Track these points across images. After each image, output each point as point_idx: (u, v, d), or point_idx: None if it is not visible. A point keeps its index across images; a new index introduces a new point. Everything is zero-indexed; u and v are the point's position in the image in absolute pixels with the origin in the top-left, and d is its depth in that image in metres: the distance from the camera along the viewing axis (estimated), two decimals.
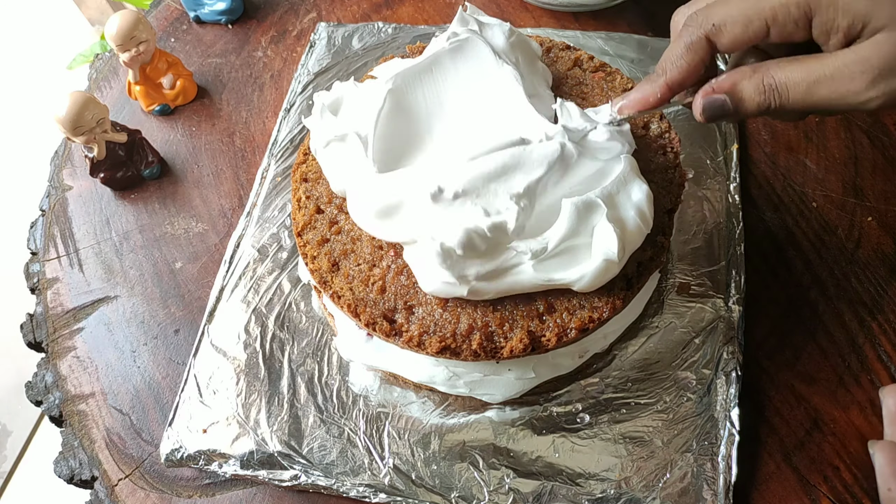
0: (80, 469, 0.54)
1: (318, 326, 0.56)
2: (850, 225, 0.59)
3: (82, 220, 0.67)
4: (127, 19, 0.66)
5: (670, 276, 0.56)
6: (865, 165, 0.62)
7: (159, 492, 0.52)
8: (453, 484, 0.49)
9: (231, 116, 0.72)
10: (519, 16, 0.76)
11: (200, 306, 0.60)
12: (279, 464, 0.50)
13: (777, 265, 0.57)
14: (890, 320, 0.54)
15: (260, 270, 0.60)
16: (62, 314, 0.61)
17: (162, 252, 0.64)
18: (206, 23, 0.80)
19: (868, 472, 0.48)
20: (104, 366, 0.58)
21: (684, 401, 0.50)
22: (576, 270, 0.43)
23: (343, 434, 0.51)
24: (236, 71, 0.76)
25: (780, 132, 0.64)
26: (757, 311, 0.55)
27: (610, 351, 0.53)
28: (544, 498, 0.48)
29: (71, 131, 0.61)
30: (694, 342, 0.53)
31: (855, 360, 0.53)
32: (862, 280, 0.56)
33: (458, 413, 0.52)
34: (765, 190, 0.61)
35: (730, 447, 0.48)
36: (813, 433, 0.50)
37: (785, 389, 0.52)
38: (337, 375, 0.54)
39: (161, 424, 0.55)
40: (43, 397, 0.58)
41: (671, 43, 0.42)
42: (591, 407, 0.51)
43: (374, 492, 0.49)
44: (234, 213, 0.65)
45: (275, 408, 0.53)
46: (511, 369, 0.50)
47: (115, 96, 0.76)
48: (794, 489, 0.48)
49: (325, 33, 0.76)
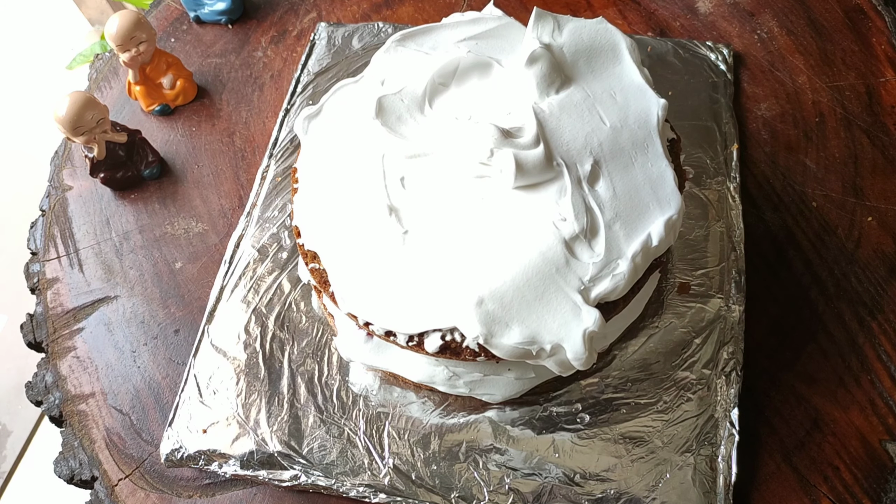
0: (80, 469, 0.54)
1: (318, 326, 0.56)
2: (850, 225, 0.59)
3: (82, 220, 0.67)
4: (127, 19, 0.66)
5: (670, 276, 0.56)
6: (865, 165, 0.62)
7: (159, 492, 0.52)
8: (453, 484, 0.49)
9: (231, 116, 0.72)
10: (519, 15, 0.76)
11: (200, 306, 0.60)
12: (279, 464, 0.50)
13: (777, 265, 0.57)
14: (890, 320, 0.54)
15: (260, 270, 0.60)
16: (62, 314, 0.61)
17: (162, 252, 0.64)
18: (206, 23, 0.80)
19: (868, 472, 0.48)
20: (104, 366, 0.58)
21: (684, 401, 0.50)
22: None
23: (343, 434, 0.51)
24: (236, 71, 0.76)
25: (780, 132, 0.64)
26: (757, 311, 0.55)
27: (610, 351, 0.53)
28: (544, 498, 0.48)
29: (71, 131, 0.61)
30: (694, 342, 0.53)
31: (855, 360, 0.53)
32: (862, 280, 0.56)
33: (457, 413, 0.52)
34: (765, 190, 0.61)
35: (730, 447, 0.48)
36: (813, 433, 0.50)
37: (785, 389, 0.52)
38: (337, 375, 0.54)
39: (161, 424, 0.55)
40: (43, 397, 0.58)
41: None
42: (591, 407, 0.51)
43: (374, 492, 0.49)
44: (234, 213, 0.65)
45: (275, 408, 0.53)
46: (511, 369, 0.50)
47: (115, 96, 0.76)
48: (794, 489, 0.48)
49: (325, 33, 0.76)
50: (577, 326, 0.42)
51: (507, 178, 0.44)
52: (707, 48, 0.69)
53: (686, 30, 0.73)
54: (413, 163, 0.47)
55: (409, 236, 0.45)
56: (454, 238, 0.45)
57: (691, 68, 0.68)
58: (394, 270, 0.45)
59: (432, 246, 0.45)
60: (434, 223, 0.45)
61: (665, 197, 0.46)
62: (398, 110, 0.48)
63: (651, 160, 0.47)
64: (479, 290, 0.42)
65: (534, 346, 0.42)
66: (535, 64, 0.47)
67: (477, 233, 0.45)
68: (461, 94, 0.50)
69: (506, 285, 0.42)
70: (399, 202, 0.46)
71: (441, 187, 0.46)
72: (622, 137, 0.47)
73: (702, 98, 0.66)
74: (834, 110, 0.65)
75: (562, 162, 0.45)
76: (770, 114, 0.66)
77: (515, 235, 0.44)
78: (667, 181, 0.46)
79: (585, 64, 0.50)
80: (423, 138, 0.47)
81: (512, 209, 0.45)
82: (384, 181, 0.47)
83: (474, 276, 0.43)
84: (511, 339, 0.42)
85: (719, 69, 0.67)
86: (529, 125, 0.46)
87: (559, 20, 0.51)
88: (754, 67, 0.69)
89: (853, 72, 0.67)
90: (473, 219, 0.45)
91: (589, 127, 0.47)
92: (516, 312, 0.42)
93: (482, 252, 0.44)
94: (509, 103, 0.49)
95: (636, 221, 0.45)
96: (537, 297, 0.43)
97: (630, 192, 0.45)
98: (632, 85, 0.50)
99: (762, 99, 0.67)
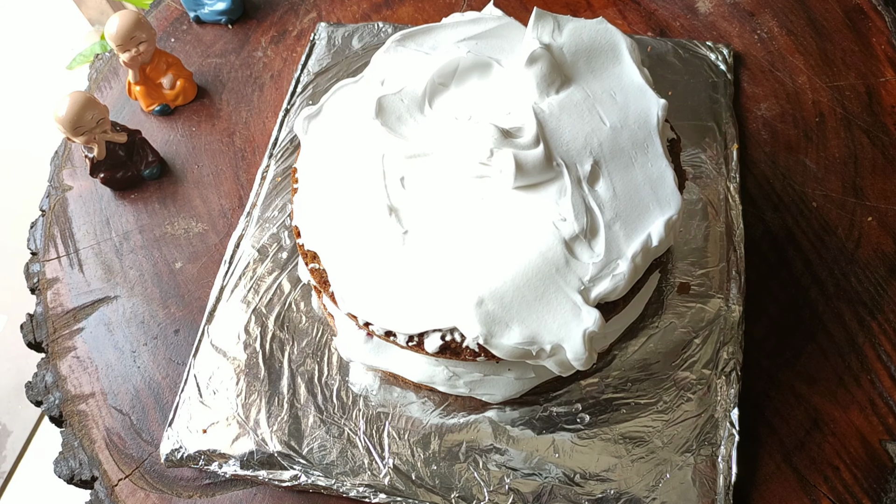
0: (80, 469, 0.54)
1: (318, 326, 0.56)
2: (849, 225, 0.59)
3: (82, 220, 0.67)
4: (127, 19, 0.66)
5: (670, 276, 0.56)
6: (865, 165, 0.62)
7: (159, 492, 0.52)
8: (453, 484, 0.49)
9: (231, 116, 0.72)
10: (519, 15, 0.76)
11: (200, 306, 0.60)
12: (279, 464, 0.50)
13: (777, 265, 0.57)
14: (890, 320, 0.54)
15: (260, 270, 0.60)
16: (62, 314, 0.61)
17: (162, 252, 0.64)
18: (206, 23, 0.80)
19: (868, 472, 0.48)
20: (104, 366, 0.58)
21: (684, 401, 0.50)
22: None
23: (343, 434, 0.51)
24: (236, 71, 0.76)
25: (780, 132, 0.64)
26: (757, 311, 0.55)
27: (610, 351, 0.53)
28: (544, 498, 0.48)
29: (71, 131, 0.61)
30: (694, 342, 0.53)
31: (855, 360, 0.53)
32: (862, 280, 0.56)
33: (457, 413, 0.52)
34: (765, 190, 0.61)
35: (730, 447, 0.48)
36: (813, 433, 0.50)
37: (785, 389, 0.52)
38: (337, 375, 0.54)
39: (161, 424, 0.55)
40: (43, 397, 0.58)
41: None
42: (591, 407, 0.51)
43: (374, 492, 0.49)
44: (234, 213, 0.65)
45: (275, 408, 0.53)
46: (511, 369, 0.50)
47: (115, 96, 0.76)
48: (794, 489, 0.48)
49: (325, 33, 0.76)
50: (577, 326, 0.42)
51: (507, 178, 0.44)
52: (707, 48, 0.69)
53: (686, 30, 0.73)
54: (413, 163, 0.47)
55: (409, 236, 0.45)
56: (454, 238, 0.45)
57: (691, 68, 0.68)
58: (394, 270, 0.45)
59: (432, 246, 0.45)
60: (434, 223, 0.45)
61: (665, 197, 0.46)
62: (398, 110, 0.48)
63: (651, 160, 0.47)
64: (479, 290, 0.42)
65: (534, 347, 0.42)
66: (534, 64, 0.47)
67: (477, 233, 0.45)
68: (461, 94, 0.50)
69: (506, 285, 0.42)
70: (399, 202, 0.46)
71: (441, 187, 0.46)
72: (622, 137, 0.47)
73: (702, 98, 0.66)
74: (834, 110, 0.65)
75: (562, 162, 0.45)
76: (770, 114, 0.66)
77: (515, 235, 0.44)
78: (667, 181, 0.46)
79: (585, 64, 0.50)
80: (423, 138, 0.47)
81: (512, 209, 0.45)
82: (384, 181, 0.47)
83: (474, 276, 0.43)
84: (511, 339, 0.42)
85: (719, 69, 0.67)
86: (529, 125, 0.46)
87: (559, 20, 0.51)
88: (754, 67, 0.69)
89: (853, 72, 0.67)
90: (473, 219, 0.45)
91: (589, 127, 0.47)
92: (516, 312, 0.42)
93: (482, 252, 0.44)
94: (509, 103, 0.49)
95: (636, 221, 0.45)
96: (537, 297, 0.43)
97: (630, 193, 0.45)
98: (632, 85, 0.50)
99: (762, 99, 0.67)
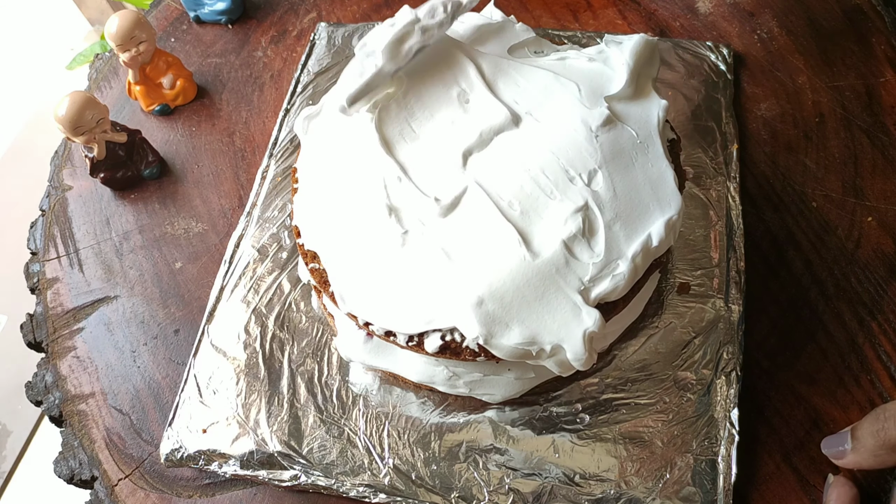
0: (80, 469, 0.54)
1: (318, 326, 0.56)
2: (849, 225, 0.59)
3: (82, 220, 0.67)
4: (127, 19, 0.66)
5: (670, 276, 0.56)
6: (865, 165, 0.62)
7: (159, 492, 0.52)
8: (453, 484, 0.49)
9: (231, 116, 0.72)
10: (518, 15, 0.76)
11: (200, 306, 0.60)
12: (279, 464, 0.50)
13: (777, 265, 0.57)
14: (890, 320, 0.54)
15: (260, 270, 0.60)
16: (62, 314, 0.61)
17: (162, 252, 0.64)
18: (206, 23, 0.80)
19: (867, 471, 0.48)
20: (104, 366, 0.58)
21: (684, 401, 0.50)
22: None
23: (343, 434, 0.51)
24: (236, 71, 0.76)
25: (780, 132, 0.64)
26: (757, 311, 0.55)
27: (610, 351, 0.53)
28: (544, 498, 0.48)
29: (71, 131, 0.61)
30: (694, 342, 0.53)
31: (855, 360, 0.53)
32: (862, 280, 0.56)
33: (457, 413, 0.52)
34: (765, 190, 0.61)
35: (729, 447, 0.48)
36: (813, 433, 0.50)
37: (785, 389, 0.52)
38: (337, 375, 0.54)
39: (161, 424, 0.55)
40: (43, 397, 0.58)
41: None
42: (591, 407, 0.51)
43: (374, 492, 0.49)
44: (234, 213, 0.65)
45: (275, 408, 0.53)
46: (511, 369, 0.50)
47: (115, 96, 0.76)
48: (794, 489, 0.48)
49: (325, 33, 0.76)
50: (577, 327, 0.42)
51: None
52: (707, 48, 0.69)
53: (686, 30, 0.73)
54: (413, 162, 0.47)
55: (409, 236, 0.45)
56: (454, 238, 0.45)
57: (691, 68, 0.68)
58: (394, 270, 0.45)
59: (432, 246, 0.45)
60: (434, 223, 0.45)
61: (665, 197, 0.46)
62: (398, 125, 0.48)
63: (651, 160, 0.47)
64: (479, 290, 0.42)
65: (534, 347, 0.42)
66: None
67: (477, 233, 0.45)
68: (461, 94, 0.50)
69: (506, 285, 0.42)
70: (399, 202, 0.46)
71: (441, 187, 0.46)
72: (622, 137, 0.47)
73: (702, 98, 0.66)
74: (834, 110, 0.65)
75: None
76: (770, 114, 0.66)
77: (515, 235, 0.44)
78: (667, 181, 0.46)
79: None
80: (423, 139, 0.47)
81: None
82: (384, 181, 0.47)
83: (474, 276, 0.43)
84: (511, 339, 0.42)
85: (719, 69, 0.67)
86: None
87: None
88: (754, 67, 0.69)
89: (853, 72, 0.67)
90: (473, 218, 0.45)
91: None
92: (516, 313, 0.42)
93: (482, 252, 0.44)
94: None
95: (636, 222, 0.45)
96: (537, 297, 0.43)
97: (630, 193, 0.45)
98: None
99: (762, 99, 0.67)
